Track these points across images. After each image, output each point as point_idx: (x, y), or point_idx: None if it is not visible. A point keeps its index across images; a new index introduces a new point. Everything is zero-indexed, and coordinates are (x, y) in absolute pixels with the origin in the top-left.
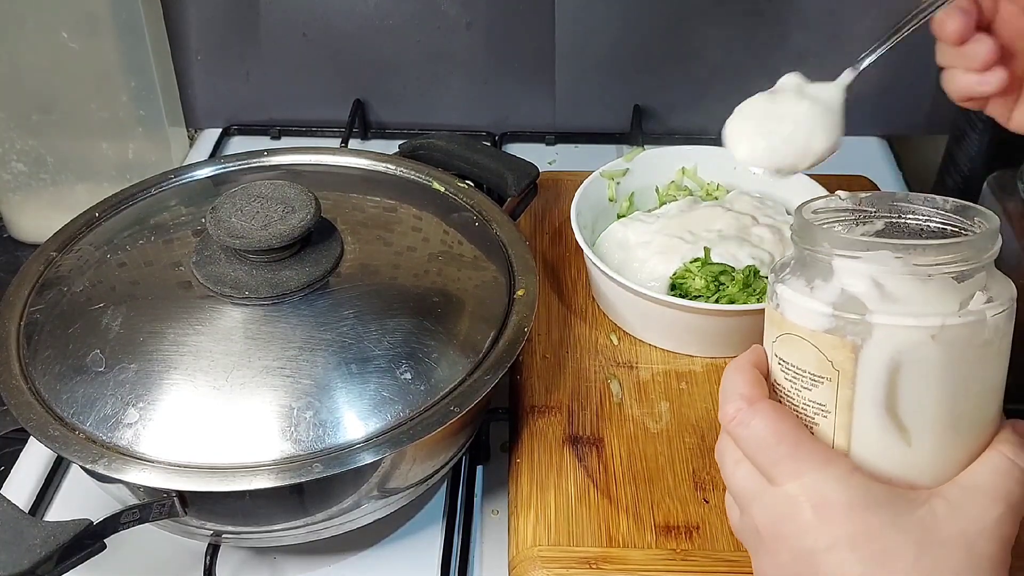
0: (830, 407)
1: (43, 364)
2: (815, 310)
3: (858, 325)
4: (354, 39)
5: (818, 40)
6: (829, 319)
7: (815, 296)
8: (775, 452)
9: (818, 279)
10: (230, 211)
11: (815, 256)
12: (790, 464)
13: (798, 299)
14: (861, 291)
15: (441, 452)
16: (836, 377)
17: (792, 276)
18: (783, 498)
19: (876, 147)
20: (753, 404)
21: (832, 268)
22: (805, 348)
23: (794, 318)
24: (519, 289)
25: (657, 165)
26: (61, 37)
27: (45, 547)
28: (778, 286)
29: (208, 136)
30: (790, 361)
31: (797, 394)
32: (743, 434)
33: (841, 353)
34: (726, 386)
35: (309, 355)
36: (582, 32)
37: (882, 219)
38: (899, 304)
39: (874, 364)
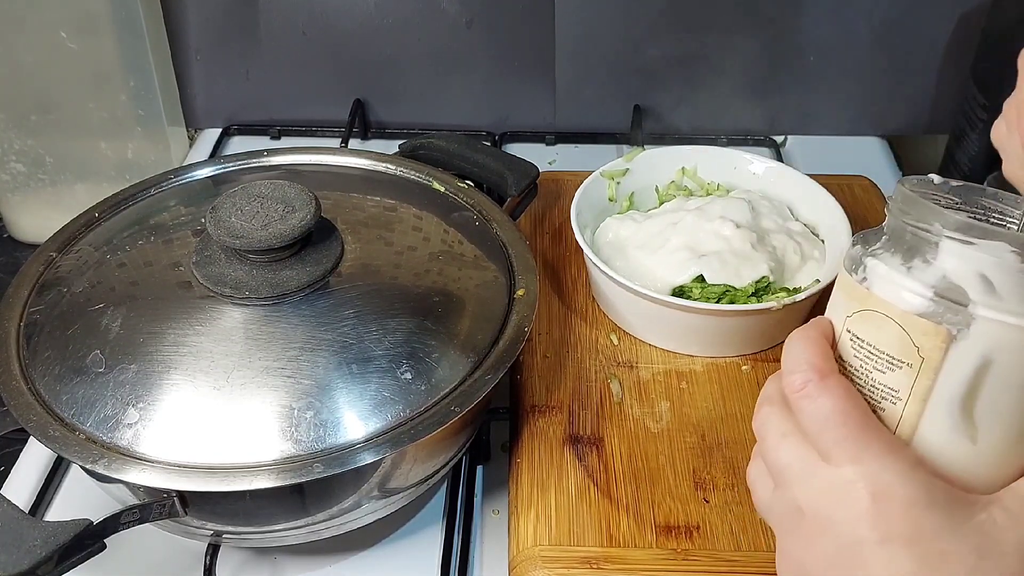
0: (903, 394)
1: (43, 365)
2: (913, 290)
3: (958, 314)
4: (354, 38)
5: (818, 40)
6: (927, 303)
7: (913, 276)
8: (839, 431)
9: (918, 259)
10: (230, 211)
11: (919, 234)
12: (853, 447)
13: (894, 276)
14: (968, 279)
15: (441, 452)
16: (919, 364)
17: (886, 251)
18: (839, 481)
19: (876, 147)
20: (825, 378)
21: (938, 250)
22: (890, 328)
23: (885, 295)
24: (519, 289)
25: (657, 165)
26: (60, 37)
27: (45, 547)
28: (869, 259)
29: (208, 136)
30: (867, 339)
31: (867, 375)
32: (808, 408)
33: (932, 340)
34: (794, 354)
35: (309, 355)
36: (582, 32)
37: (964, 212)
38: (1004, 300)
39: (964, 357)
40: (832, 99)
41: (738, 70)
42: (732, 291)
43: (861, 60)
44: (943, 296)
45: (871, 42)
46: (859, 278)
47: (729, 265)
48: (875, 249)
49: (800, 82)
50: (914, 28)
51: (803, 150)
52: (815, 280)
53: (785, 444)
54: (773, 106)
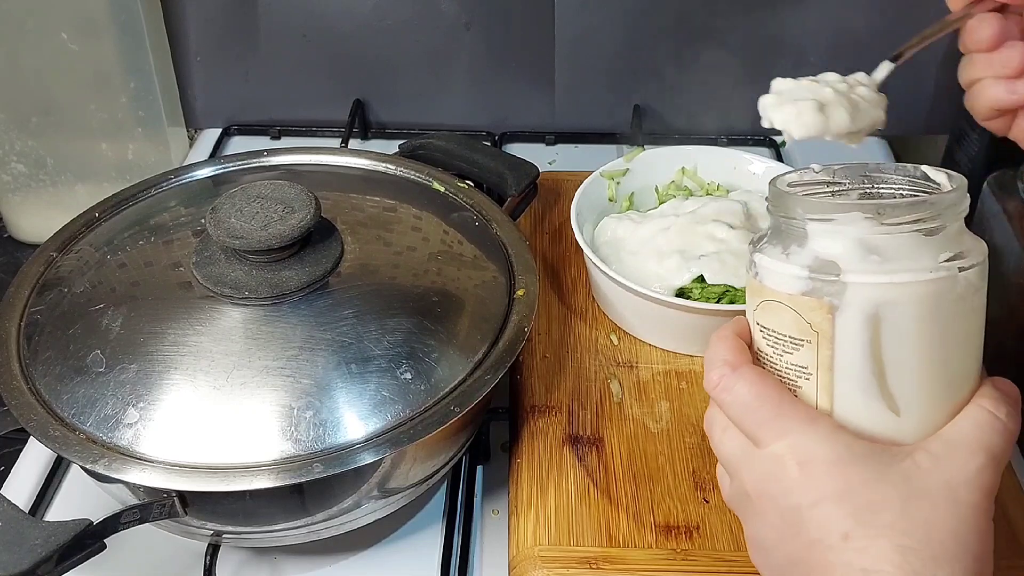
0: (811, 369)
1: (43, 365)
2: (791, 274)
3: (833, 285)
4: (354, 39)
5: (819, 40)
6: (805, 282)
7: (791, 261)
8: (759, 414)
9: (793, 245)
10: (230, 211)
11: (790, 223)
12: (774, 425)
13: (775, 265)
14: (835, 252)
15: (441, 452)
16: (815, 339)
17: (769, 245)
18: (769, 458)
19: (876, 147)
20: (736, 369)
21: (806, 233)
22: (784, 312)
23: (772, 284)
24: (519, 289)
25: (657, 165)
26: (61, 38)
27: (45, 547)
28: (756, 255)
29: (208, 136)
30: (770, 327)
31: (779, 358)
32: (727, 399)
33: (818, 314)
34: (709, 355)
35: (309, 355)
36: (582, 32)
37: (855, 190)
38: (871, 263)
39: (851, 323)
40: None
41: (738, 70)
42: (732, 291)
43: (861, 60)
44: (817, 272)
45: (871, 42)
46: (752, 274)
47: (728, 266)
48: (761, 245)
49: None
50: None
51: (803, 150)
52: None
53: (726, 438)
54: None
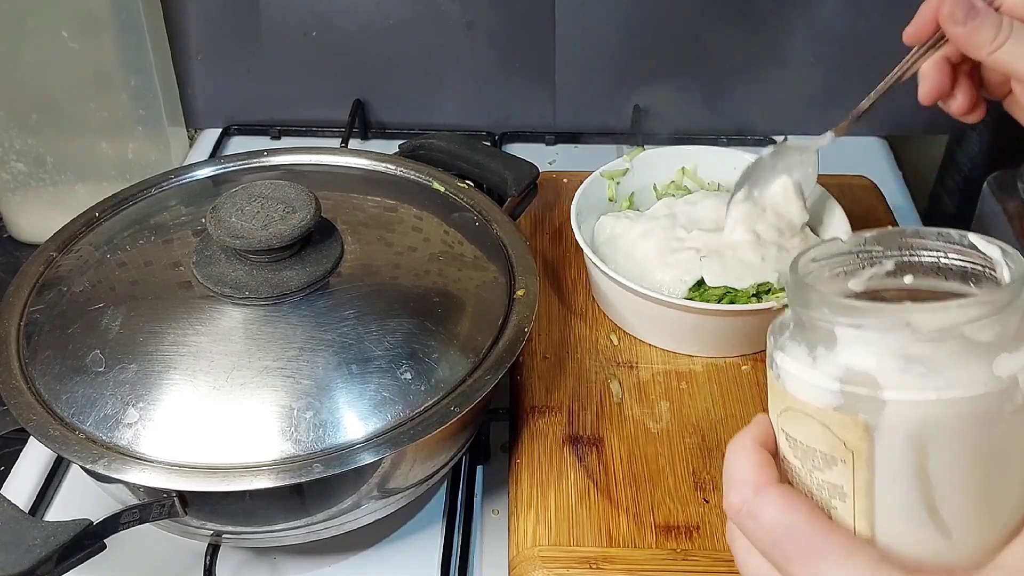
0: (847, 490)
1: (43, 364)
2: (820, 385)
3: (869, 402)
4: (354, 39)
5: (818, 39)
6: (836, 396)
7: (819, 367)
8: (789, 547)
9: (820, 347)
10: (230, 211)
11: (814, 321)
12: (807, 560)
13: (800, 371)
14: (869, 363)
15: (441, 452)
16: (851, 459)
17: (792, 342)
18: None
19: (876, 147)
20: (760, 492)
21: (835, 336)
22: (813, 426)
23: (798, 393)
24: (519, 289)
25: (657, 165)
26: (61, 37)
27: (45, 547)
28: (777, 354)
29: (208, 136)
30: (799, 438)
31: (810, 475)
32: (751, 527)
33: (853, 433)
34: (729, 471)
35: (309, 355)
36: (582, 32)
37: (891, 258)
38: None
39: (892, 445)
40: (832, 99)
41: (738, 70)
42: (732, 292)
43: (861, 60)
44: (851, 384)
45: (871, 42)
46: (774, 375)
47: (729, 268)
48: (783, 341)
49: (800, 82)
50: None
51: None
52: None
53: (751, 559)
54: (773, 106)
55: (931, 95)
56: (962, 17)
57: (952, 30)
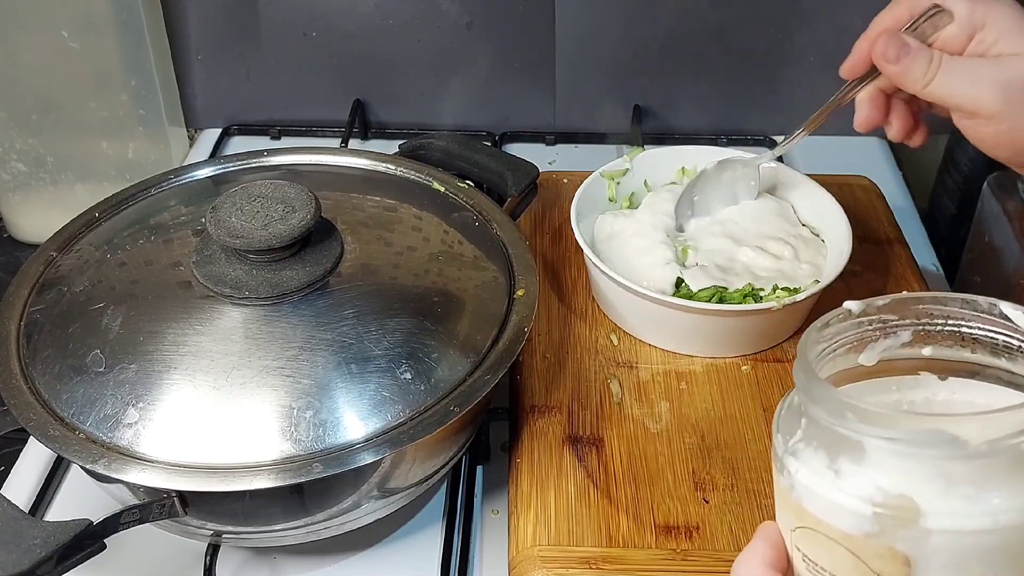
0: None
1: (43, 364)
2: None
3: (910, 531)
4: (354, 39)
5: (818, 39)
6: (869, 521)
7: (844, 486)
8: None
9: (844, 458)
10: (230, 211)
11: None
12: None
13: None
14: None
15: (441, 452)
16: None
17: (807, 447)
18: None
19: (876, 147)
20: None
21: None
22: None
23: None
24: (519, 289)
25: (657, 165)
26: (61, 36)
27: (45, 547)
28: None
29: (208, 136)
30: (819, 563)
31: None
32: None
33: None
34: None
35: (309, 355)
36: (582, 32)
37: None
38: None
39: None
40: None
41: (738, 70)
42: (720, 291)
43: None
44: (885, 510)
45: None
46: (787, 484)
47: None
48: (795, 444)
49: (800, 82)
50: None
51: (803, 150)
52: (814, 281)
53: None
54: (773, 106)
55: (866, 123)
56: (894, 56)
57: (886, 68)
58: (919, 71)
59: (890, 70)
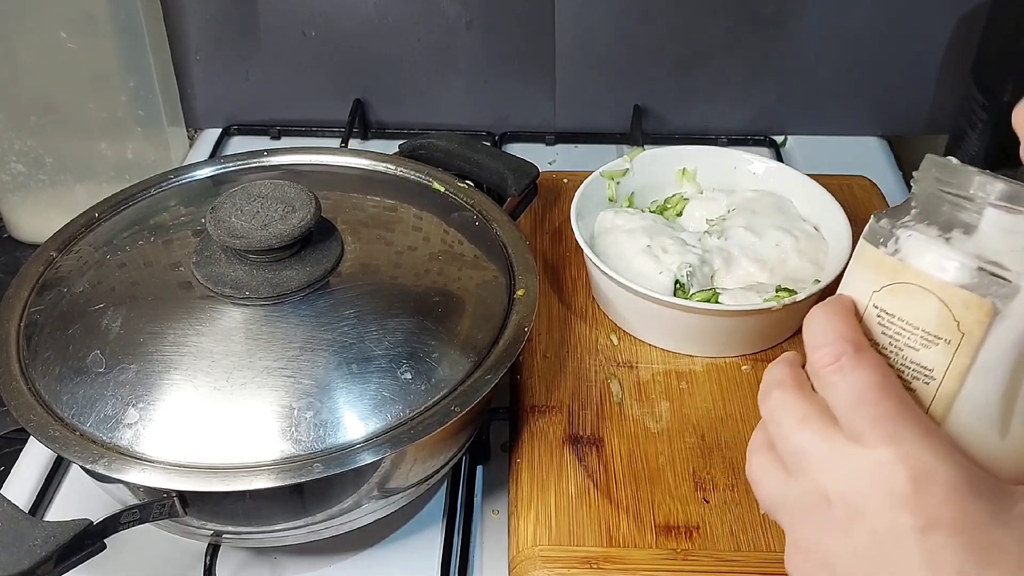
0: (937, 373)
1: (43, 365)
2: (956, 260)
3: (1004, 287)
4: (354, 38)
5: (818, 39)
6: (971, 273)
7: (954, 246)
8: (876, 409)
9: (957, 230)
10: (230, 211)
11: (959, 203)
12: (890, 426)
13: (932, 245)
14: (1015, 249)
15: (441, 452)
16: (958, 340)
17: (920, 223)
18: (874, 463)
19: (876, 147)
20: (860, 351)
21: (981, 218)
22: (927, 302)
23: (923, 266)
24: (519, 289)
25: (657, 165)
26: (60, 37)
27: (45, 547)
28: (901, 231)
29: (208, 136)
30: (898, 314)
31: (896, 352)
32: (842, 383)
33: (975, 314)
34: (822, 328)
35: (310, 355)
36: (582, 32)
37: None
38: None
39: (1008, 334)
40: (832, 99)
41: (738, 70)
42: (715, 293)
43: (861, 60)
44: (988, 266)
45: (871, 42)
46: (890, 250)
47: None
48: (907, 221)
49: (800, 82)
50: (914, 28)
51: (803, 150)
52: (815, 280)
53: (805, 427)
54: (773, 106)
55: None
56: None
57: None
58: None
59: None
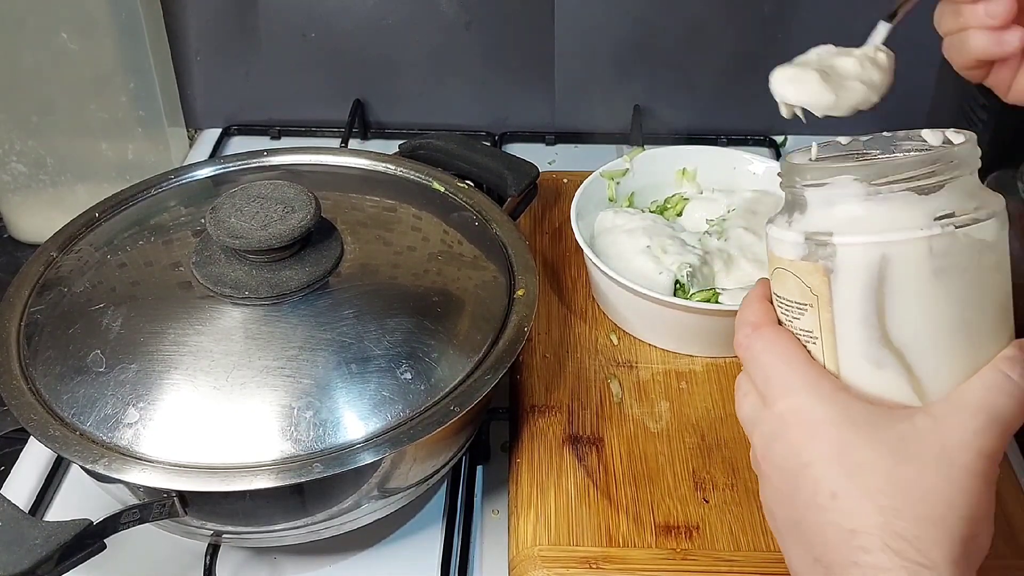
0: (816, 332)
1: (43, 364)
2: (791, 240)
3: (825, 247)
4: (354, 39)
5: (819, 39)
6: (802, 247)
7: (792, 228)
8: (769, 372)
9: (796, 213)
10: (230, 211)
11: (792, 192)
12: (782, 384)
13: (779, 233)
14: (828, 217)
15: (441, 452)
16: (815, 302)
17: (780, 216)
18: (774, 418)
19: None
20: (757, 329)
21: (806, 201)
22: (788, 279)
23: (778, 251)
24: (519, 289)
25: (657, 165)
26: (60, 38)
27: (45, 547)
28: (769, 227)
29: (208, 136)
30: (781, 294)
31: (791, 324)
32: (746, 357)
33: (814, 277)
34: (738, 317)
35: (309, 355)
36: (582, 32)
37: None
38: (861, 224)
39: (845, 285)
40: None
41: (738, 70)
42: (715, 293)
43: None
44: (811, 237)
45: None
46: (767, 246)
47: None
48: (774, 217)
49: None
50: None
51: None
52: None
53: (745, 401)
54: (773, 106)
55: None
56: None
57: None
58: None
59: None
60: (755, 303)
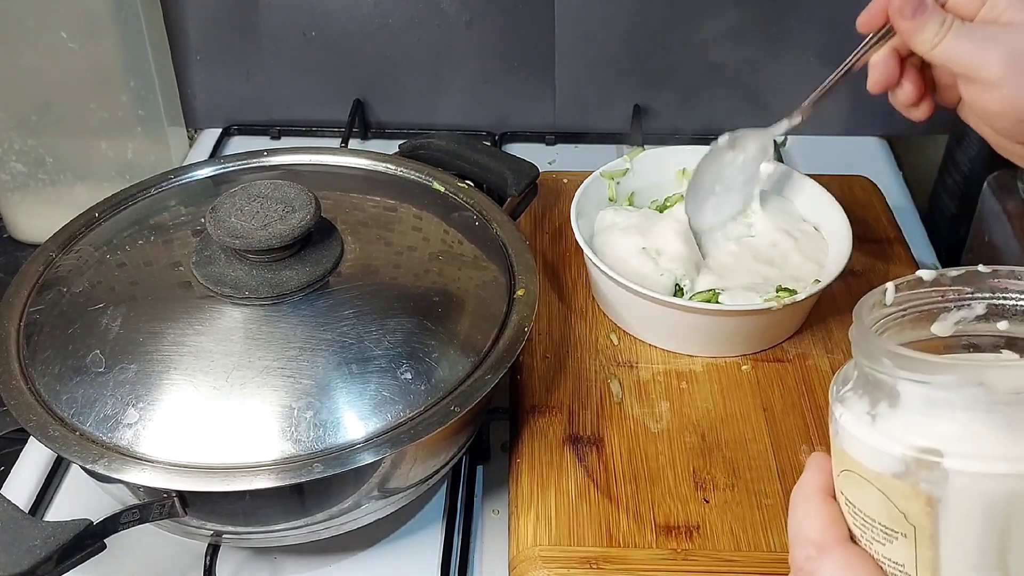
0: (910, 568)
1: (43, 364)
2: (878, 448)
3: (933, 471)
4: (354, 39)
5: (819, 38)
6: (897, 461)
7: (878, 428)
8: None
9: (883, 403)
10: (230, 211)
11: (875, 374)
12: None
13: (858, 430)
14: (935, 426)
15: (441, 452)
16: (912, 533)
17: (853, 394)
18: None
19: (876, 147)
20: (824, 553)
21: (899, 394)
22: (871, 493)
23: (855, 454)
24: (519, 289)
25: (657, 165)
26: (60, 37)
27: (45, 547)
28: (836, 407)
29: (208, 136)
30: (857, 505)
31: (870, 546)
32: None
33: (915, 505)
34: (795, 525)
35: (309, 355)
36: (582, 32)
37: (983, 301)
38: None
39: (959, 521)
40: (832, 99)
41: (738, 70)
42: (715, 294)
43: None
44: (911, 451)
45: None
46: (833, 431)
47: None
48: (845, 392)
49: (800, 82)
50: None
51: (803, 150)
52: (815, 280)
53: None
54: (773, 106)
55: (879, 83)
56: (910, 12)
57: (900, 24)
58: (931, 31)
59: (904, 26)
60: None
